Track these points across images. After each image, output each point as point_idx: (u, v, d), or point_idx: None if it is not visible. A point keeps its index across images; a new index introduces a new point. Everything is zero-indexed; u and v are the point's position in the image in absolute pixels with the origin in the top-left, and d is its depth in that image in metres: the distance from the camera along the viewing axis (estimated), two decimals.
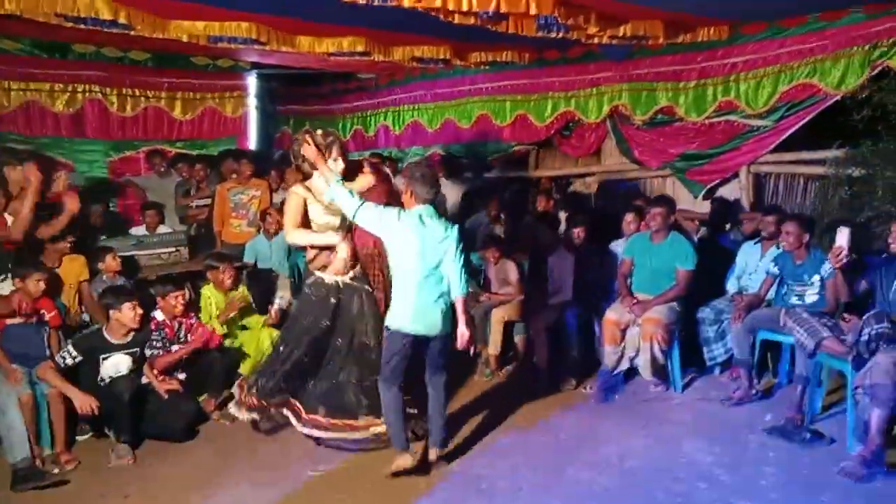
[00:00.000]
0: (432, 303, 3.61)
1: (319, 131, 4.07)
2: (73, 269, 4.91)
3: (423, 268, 3.58)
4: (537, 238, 5.91)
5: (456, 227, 3.69)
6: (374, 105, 8.85)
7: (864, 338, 3.65)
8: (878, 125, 4.68)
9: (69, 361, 4.11)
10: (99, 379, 4.20)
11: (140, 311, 4.28)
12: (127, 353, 4.30)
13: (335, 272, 4.08)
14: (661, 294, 4.79)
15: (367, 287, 4.17)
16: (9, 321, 4.18)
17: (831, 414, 4.29)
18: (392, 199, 4.15)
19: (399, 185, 4.16)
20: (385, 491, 3.54)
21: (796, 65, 5.46)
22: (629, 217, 5.40)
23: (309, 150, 3.84)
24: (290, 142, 9.55)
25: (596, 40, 5.26)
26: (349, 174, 4.05)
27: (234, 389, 4.33)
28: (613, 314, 4.84)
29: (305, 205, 4.06)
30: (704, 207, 6.24)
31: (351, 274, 4.12)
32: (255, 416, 4.10)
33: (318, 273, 4.12)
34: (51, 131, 7.33)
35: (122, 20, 4.81)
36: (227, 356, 4.76)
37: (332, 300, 4.07)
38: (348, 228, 4.10)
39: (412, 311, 3.59)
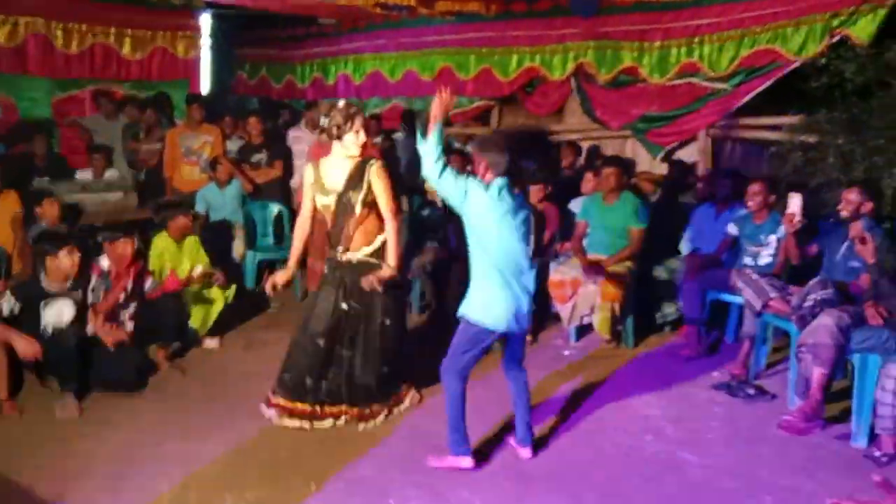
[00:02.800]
0: (526, 294, 3.21)
1: (342, 102, 3.74)
2: (4, 205, 4.64)
3: (516, 252, 3.15)
4: None
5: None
6: (334, 52, 8.61)
7: (809, 303, 3.77)
8: (835, 93, 4.75)
9: (6, 310, 3.94)
10: (42, 328, 4.05)
11: (77, 256, 4.10)
12: (68, 299, 4.14)
13: (346, 249, 3.71)
14: (616, 254, 4.86)
15: (381, 264, 3.72)
16: None
17: (774, 372, 4.45)
18: None
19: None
20: (331, 446, 3.53)
21: (759, 30, 5.50)
22: (588, 176, 5.42)
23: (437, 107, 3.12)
24: (244, 87, 9.36)
25: None
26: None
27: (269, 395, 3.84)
28: (557, 275, 4.89)
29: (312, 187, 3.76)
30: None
31: (366, 250, 3.73)
32: (303, 423, 3.69)
33: (332, 250, 3.78)
34: None
35: None
36: (177, 306, 4.64)
37: (347, 279, 3.71)
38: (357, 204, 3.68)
39: (506, 305, 3.13)
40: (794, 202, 4.08)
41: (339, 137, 3.65)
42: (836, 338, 3.50)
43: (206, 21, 8.56)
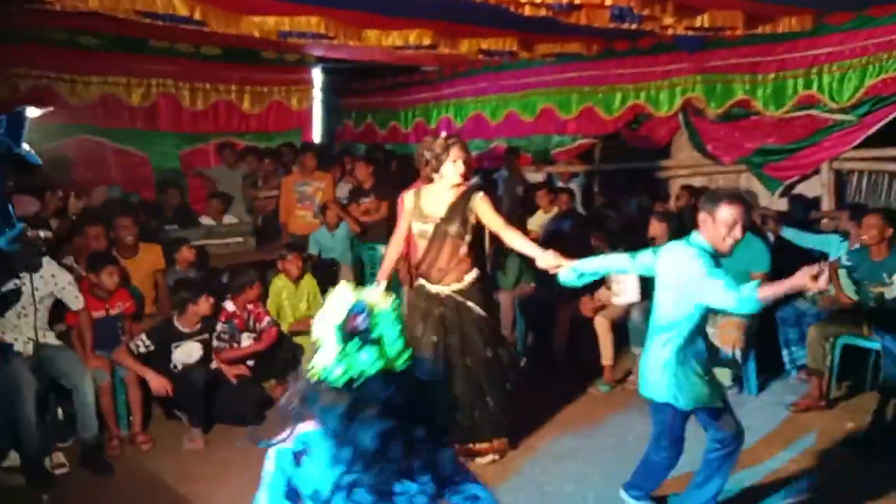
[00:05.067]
0: (650, 356, 2.96)
1: (444, 134, 3.82)
2: (148, 259, 5.05)
3: (653, 313, 2.99)
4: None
5: (692, 250, 2.84)
6: (436, 97, 8.84)
7: None
8: None
9: (142, 349, 4.25)
10: (172, 366, 4.33)
11: (213, 301, 4.40)
12: (197, 341, 4.41)
13: (434, 281, 3.75)
14: None
15: (469, 304, 3.73)
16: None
17: None
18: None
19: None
20: None
21: (885, 56, 5.16)
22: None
23: None
24: (351, 135, 9.77)
25: (671, 31, 5.11)
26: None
27: None
28: None
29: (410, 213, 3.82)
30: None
31: (456, 286, 3.74)
32: None
33: (421, 280, 3.83)
34: (126, 124, 7.59)
35: (196, 17, 4.91)
36: (290, 348, 4.85)
37: (436, 312, 3.72)
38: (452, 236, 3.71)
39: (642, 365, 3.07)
40: None
41: (437, 169, 3.71)
42: None
43: (317, 75, 9.06)
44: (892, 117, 5.25)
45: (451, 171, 3.68)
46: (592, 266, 3.25)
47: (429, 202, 3.77)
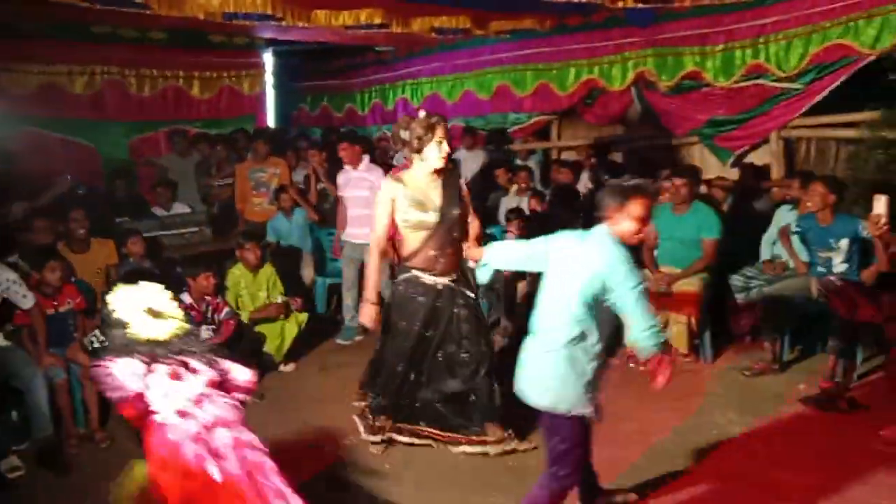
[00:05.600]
0: (533, 355, 2.71)
1: (423, 113, 3.48)
2: (102, 253, 4.92)
3: (542, 303, 2.71)
4: (555, 213, 5.81)
5: (603, 245, 2.57)
6: (392, 78, 8.76)
7: None
8: None
9: (96, 345, 4.13)
10: None
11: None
12: None
13: (435, 273, 3.54)
14: (689, 266, 4.71)
15: (466, 291, 3.61)
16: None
17: (867, 383, 4.21)
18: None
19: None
20: (420, 470, 3.53)
21: (828, 25, 5.26)
22: (665, 185, 5.24)
23: None
24: (307, 119, 9.63)
25: (621, 4, 5.13)
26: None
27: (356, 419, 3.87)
28: None
29: (394, 203, 3.53)
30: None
31: (454, 275, 3.59)
32: (384, 438, 3.68)
33: (415, 272, 3.58)
34: (71, 114, 7.35)
35: None
36: (251, 337, 4.78)
37: (433, 303, 3.55)
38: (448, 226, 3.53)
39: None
40: (880, 203, 3.87)
41: (419, 150, 3.45)
42: None
43: (268, 58, 8.87)
44: (836, 84, 5.36)
45: (436, 153, 3.42)
46: (498, 259, 3.02)
47: (418, 189, 3.50)
